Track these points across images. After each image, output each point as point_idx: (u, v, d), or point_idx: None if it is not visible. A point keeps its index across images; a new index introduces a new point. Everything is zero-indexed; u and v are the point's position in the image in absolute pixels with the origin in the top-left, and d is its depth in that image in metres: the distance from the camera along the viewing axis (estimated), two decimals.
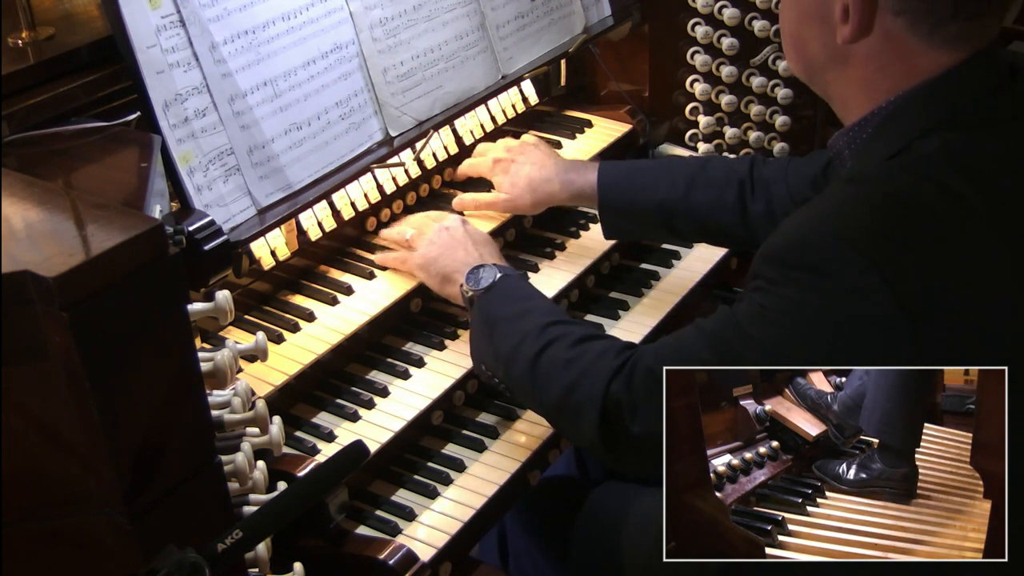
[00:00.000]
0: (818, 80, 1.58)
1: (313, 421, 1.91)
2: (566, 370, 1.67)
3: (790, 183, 2.09)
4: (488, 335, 1.84)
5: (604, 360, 1.63)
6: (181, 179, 1.78)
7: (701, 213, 2.13)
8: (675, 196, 2.13)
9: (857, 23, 1.45)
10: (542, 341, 1.73)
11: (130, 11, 1.73)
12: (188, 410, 1.34)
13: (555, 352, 1.71)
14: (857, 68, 1.49)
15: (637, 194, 2.17)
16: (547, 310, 1.84)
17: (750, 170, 2.13)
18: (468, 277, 1.93)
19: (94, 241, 1.21)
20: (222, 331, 1.93)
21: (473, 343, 1.91)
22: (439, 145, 2.35)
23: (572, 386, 1.65)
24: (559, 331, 1.75)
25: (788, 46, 1.61)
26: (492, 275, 1.90)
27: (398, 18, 2.19)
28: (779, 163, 2.16)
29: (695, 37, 2.69)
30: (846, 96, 1.55)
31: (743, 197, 2.11)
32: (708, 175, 2.14)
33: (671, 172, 2.18)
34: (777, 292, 1.40)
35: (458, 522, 1.82)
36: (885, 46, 1.46)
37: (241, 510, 1.53)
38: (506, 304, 1.86)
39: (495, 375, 1.85)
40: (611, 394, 1.58)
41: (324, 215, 2.09)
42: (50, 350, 1.18)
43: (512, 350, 1.77)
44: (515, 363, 1.76)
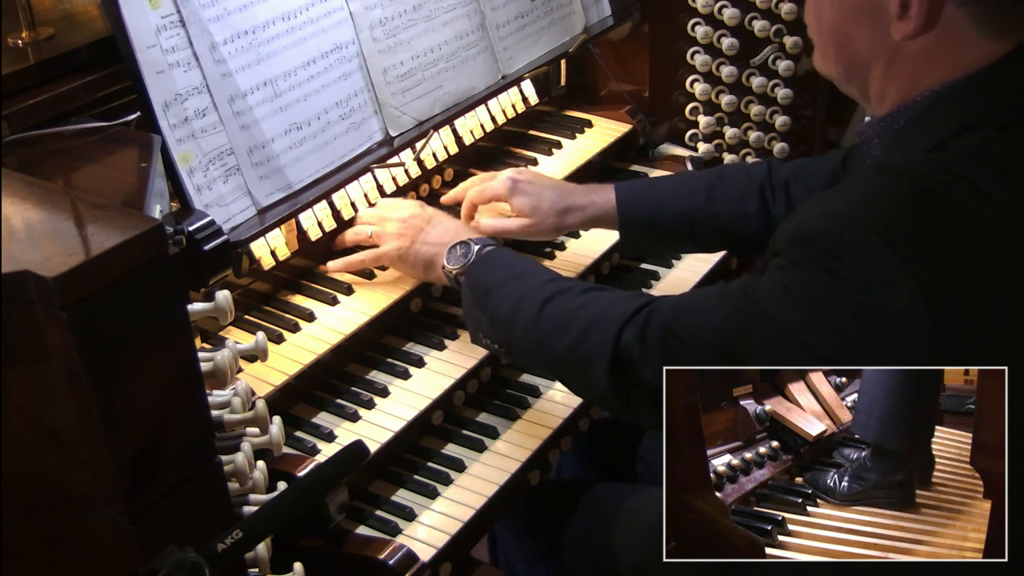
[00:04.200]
0: (858, 78, 1.54)
1: (313, 421, 1.91)
2: (574, 319, 1.64)
3: (810, 182, 2.07)
4: (482, 304, 1.80)
5: (616, 307, 1.60)
6: (181, 179, 1.78)
7: (724, 221, 2.11)
8: (696, 206, 2.11)
9: (922, 18, 1.40)
10: (543, 295, 1.70)
11: (130, 11, 1.73)
12: (188, 410, 1.34)
13: (561, 303, 1.68)
14: (906, 64, 1.46)
15: (658, 208, 2.13)
16: (541, 270, 1.82)
17: (768, 174, 2.11)
18: (448, 257, 1.90)
19: (94, 241, 1.21)
20: (222, 331, 1.93)
21: (468, 318, 1.88)
22: (439, 145, 2.35)
23: (582, 334, 1.62)
24: (561, 285, 1.73)
25: (827, 45, 1.56)
26: (473, 249, 1.87)
27: (398, 18, 2.19)
28: (796, 164, 2.14)
29: (695, 37, 2.69)
30: (885, 91, 1.51)
31: (765, 203, 2.09)
32: (726, 184, 2.12)
33: (688, 184, 2.16)
34: (802, 273, 1.38)
35: (458, 522, 1.82)
36: (941, 39, 1.42)
37: (241, 510, 1.53)
38: (496, 270, 1.83)
39: (494, 342, 1.82)
40: (623, 340, 1.56)
41: (324, 215, 2.09)
42: (50, 350, 1.18)
43: (512, 310, 1.74)
44: (516, 322, 1.73)
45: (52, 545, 1.35)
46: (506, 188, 2.16)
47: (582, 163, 2.55)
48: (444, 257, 1.91)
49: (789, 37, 2.66)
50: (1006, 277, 1.36)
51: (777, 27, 2.66)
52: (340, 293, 2.07)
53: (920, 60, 1.45)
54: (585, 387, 1.69)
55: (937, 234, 1.35)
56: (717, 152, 2.80)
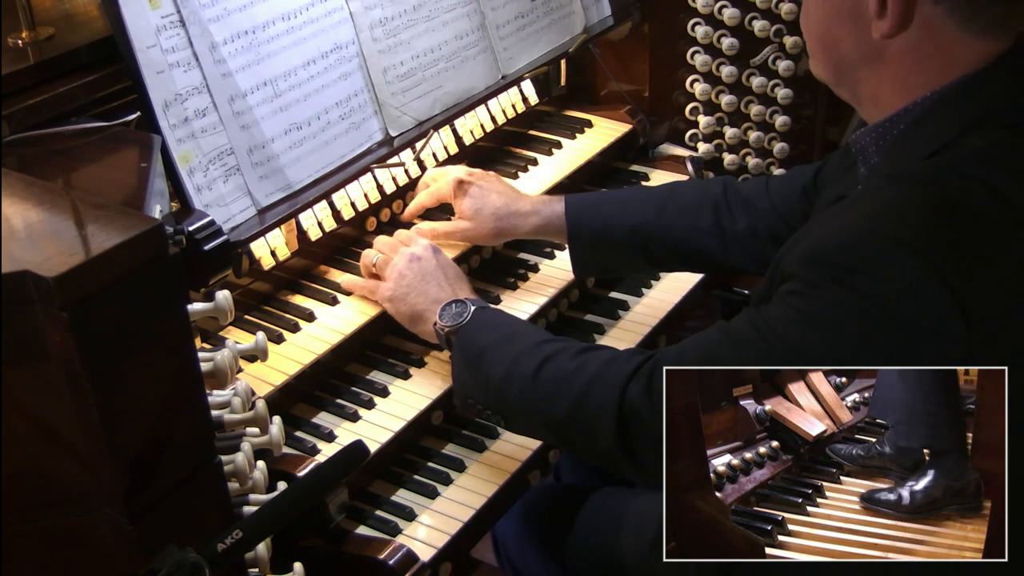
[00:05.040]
0: (847, 81, 1.54)
1: (313, 421, 1.91)
2: (573, 381, 1.61)
3: (774, 198, 2.04)
4: (474, 366, 1.76)
5: (615, 366, 1.58)
6: (181, 179, 1.78)
7: (676, 236, 2.06)
8: (647, 220, 2.06)
9: (897, 16, 1.40)
10: (539, 357, 1.67)
11: (130, 11, 1.73)
12: (188, 410, 1.34)
13: (557, 365, 1.65)
14: (892, 64, 1.46)
15: (608, 220, 2.08)
16: (534, 331, 1.79)
17: (723, 191, 2.07)
18: (442, 314, 1.84)
19: (94, 241, 1.21)
20: (222, 331, 1.93)
21: (456, 379, 1.83)
22: (439, 145, 2.35)
23: (583, 396, 1.59)
24: (555, 346, 1.69)
25: (815, 48, 1.56)
26: (468, 309, 1.82)
27: (398, 18, 2.19)
28: (757, 181, 2.11)
29: (695, 37, 2.69)
30: (877, 95, 1.50)
31: (719, 218, 2.04)
32: (679, 198, 2.08)
33: (640, 198, 2.12)
34: (818, 295, 1.36)
35: (458, 522, 1.82)
36: (923, 38, 1.42)
37: (241, 510, 1.53)
38: (489, 331, 1.78)
39: (486, 408, 1.77)
40: (628, 398, 1.53)
41: (324, 215, 2.09)
42: (50, 350, 1.18)
43: (506, 373, 1.70)
44: (511, 385, 1.69)
45: (52, 545, 1.35)
46: (451, 188, 2.15)
47: (582, 163, 2.55)
48: (437, 314, 1.85)
49: (789, 37, 2.66)
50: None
51: (777, 27, 2.66)
52: (340, 293, 2.07)
53: (906, 60, 1.44)
54: (590, 449, 1.63)
55: (962, 239, 1.33)
56: (717, 152, 2.80)
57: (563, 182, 2.47)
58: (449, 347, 1.84)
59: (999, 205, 1.34)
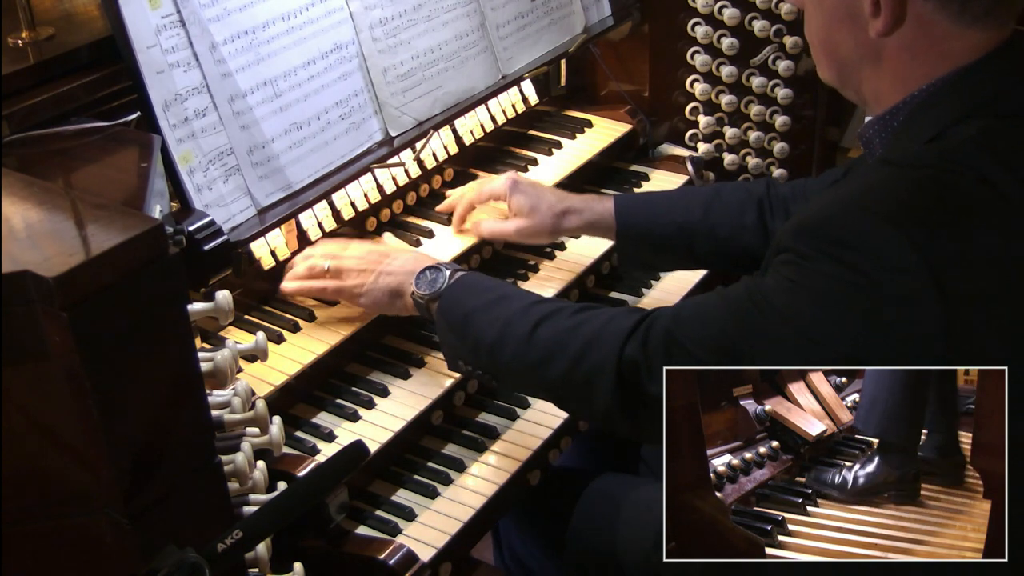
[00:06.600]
0: (851, 81, 1.57)
1: (313, 421, 1.91)
2: (571, 339, 1.61)
3: (811, 197, 2.05)
4: (461, 330, 1.76)
5: (613, 324, 1.58)
6: (181, 179, 1.78)
7: (721, 235, 2.11)
8: (694, 219, 2.11)
9: (890, 14, 1.44)
10: (534, 317, 1.67)
11: (130, 11, 1.73)
12: (188, 410, 1.34)
13: (554, 325, 1.65)
14: (891, 61, 1.49)
15: (655, 219, 2.14)
16: (525, 293, 1.79)
17: (767, 190, 2.13)
18: (418, 282, 1.84)
19: (94, 241, 1.20)
20: (222, 331, 1.93)
21: (444, 343, 1.83)
22: (439, 145, 2.35)
23: (581, 354, 1.59)
24: (549, 307, 1.70)
25: (819, 54, 1.59)
26: (445, 274, 1.82)
27: (398, 18, 2.19)
28: (795, 182, 2.17)
29: (695, 37, 2.69)
30: (879, 92, 1.54)
31: (763, 217, 2.10)
32: (724, 198, 2.13)
33: (686, 197, 2.18)
34: (811, 266, 1.38)
35: (458, 522, 1.82)
36: (918, 33, 1.45)
37: (241, 510, 1.53)
38: (475, 295, 1.78)
39: (477, 368, 1.78)
40: (626, 356, 1.53)
41: (324, 215, 2.09)
42: (50, 350, 1.18)
43: (499, 335, 1.70)
44: (504, 347, 1.69)
45: (52, 545, 1.35)
46: (506, 187, 2.18)
47: (582, 163, 2.55)
48: (413, 284, 1.85)
49: (789, 37, 2.66)
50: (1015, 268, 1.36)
51: (777, 27, 2.66)
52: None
53: (903, 56, 1.48)
54: (587, 408, 1.65)
55: (946, 221, 1.35)
56: (717, 152, 2.80)
57: (563, 182, 2.46)
58: (429, 315, 1.84)
59: (985, 192, 1.37)
